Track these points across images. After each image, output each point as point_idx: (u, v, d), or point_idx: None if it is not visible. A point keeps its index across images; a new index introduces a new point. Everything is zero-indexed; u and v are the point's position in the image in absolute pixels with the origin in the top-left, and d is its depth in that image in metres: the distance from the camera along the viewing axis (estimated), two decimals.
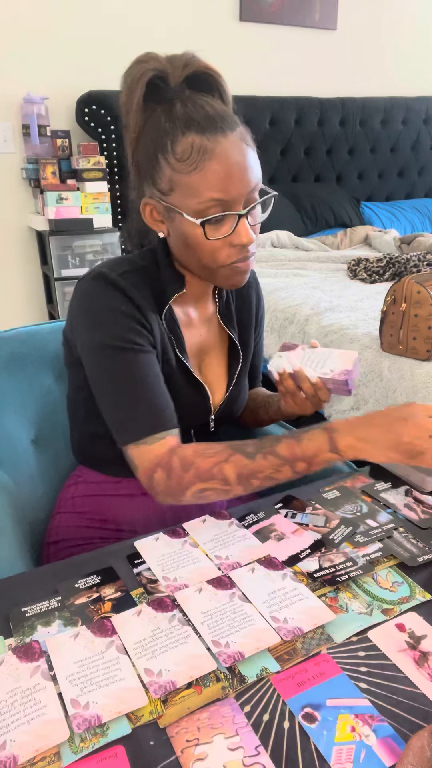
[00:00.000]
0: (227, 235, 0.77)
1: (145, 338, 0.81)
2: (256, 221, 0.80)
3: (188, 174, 0.74)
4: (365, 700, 0.56)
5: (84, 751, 0.52)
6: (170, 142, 0.74)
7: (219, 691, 0.57)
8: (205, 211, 0.75)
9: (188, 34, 2.80)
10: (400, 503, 0.86)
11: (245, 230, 0.77)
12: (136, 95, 0.75)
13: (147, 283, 0.85)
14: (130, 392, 0.79)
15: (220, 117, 0.74)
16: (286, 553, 0.76)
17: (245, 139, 0.76)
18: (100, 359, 0.80)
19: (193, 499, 0.78)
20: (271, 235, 2.83)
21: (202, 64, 0.77)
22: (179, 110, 0.74)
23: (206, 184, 0.73)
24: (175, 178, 0.75)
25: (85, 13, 2.59)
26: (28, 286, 2.85)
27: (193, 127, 0.73)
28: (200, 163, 0.73)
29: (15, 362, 1.09)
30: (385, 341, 1.68)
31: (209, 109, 0.75)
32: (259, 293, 1.04)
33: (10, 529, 0.92)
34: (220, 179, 0.73)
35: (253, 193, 0.77)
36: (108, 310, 0.80)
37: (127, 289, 0.81)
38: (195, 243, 0.78)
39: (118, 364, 0.79)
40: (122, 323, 0.79)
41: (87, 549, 0.79)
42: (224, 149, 0.73)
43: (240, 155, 0.74)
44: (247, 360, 1.00)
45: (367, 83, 3.43)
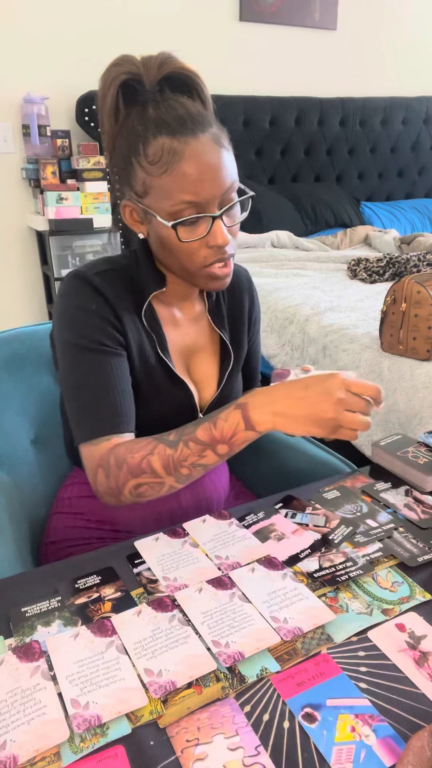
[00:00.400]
0: (202, 237, 0.76)
1: (113, 339, 0.81)
2: (233, 222, 0.79)
3: (159, 177, 0.74)
4: (365, 700, 0.56)
5: (84, 751, 0.52)
6: (142, 144, 0.74)
7: (219, 691, 0.57)
8: (178, 213, 0.75)
9: (188, 34, 2.80)
10: (400, 503, 0.86)
11: (220, 231, 0.76)
12: (108, 99, 0.76)
13: (125, 281, 0.85)
14: (90, 393, 0.80)
15: (191, 118, 0.74)
16: (286, 553, 0.76)
17: (218, 139, 0.75)
18: (67, 358, 0.81)
19: (132, 498, 0.78)
20: (271, 235, 2.82)
21: (177, 65, 0.76)
22: (151, 112, 0.74)
23: (177, 186, 0.73)
24: (148, 181, 0.75)
25: (85, 13, 2.59)
26: (28, 286, 2.85)
27: (164, 129, 0.73)
28: (171, 165, 0.72)
29: (15, 362, 1.09)
30: (385, 341, 1.68)
31: (181, 110, 0.74)
32: (253, 295, 1.03)
33: (10, 530, 0.92)
34: (191, 181, 0.73)
35: (229, 193, 0.76)
36: (79, 309, 0.80)
37: (101, 287, 0.81)
38: (171, 245, 0.78)
39: (82, 365, 0.80)
40: (91, 323, 0.80)
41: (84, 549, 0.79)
42: (194, 151, 0.72)
43: (211, 156, 0.73)
44: (239, 360, 0.99)
45: (367, 83, 3.43)
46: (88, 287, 0.81)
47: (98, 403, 0.79)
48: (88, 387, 0.80)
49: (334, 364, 1.80)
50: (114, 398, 0.80)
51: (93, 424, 0.80)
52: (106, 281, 0.83)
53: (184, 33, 2.79)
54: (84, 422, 0.80)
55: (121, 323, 0.83)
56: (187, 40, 2.77)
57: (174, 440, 0.75)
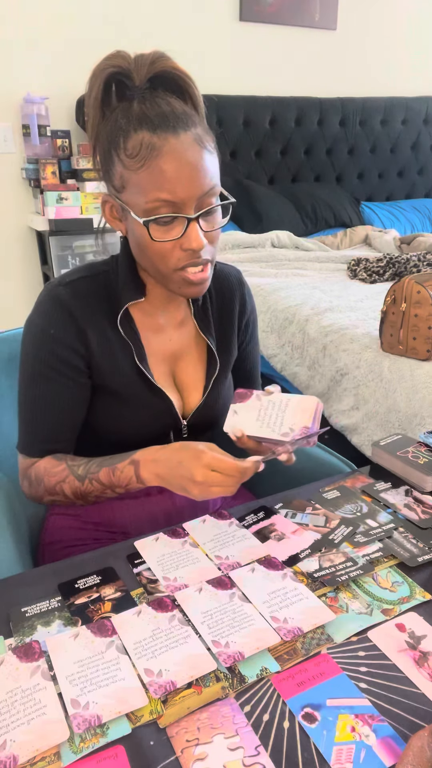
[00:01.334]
0: (176, 239, 0.75)
1: (68, 364, 0.83)
2: (212, 227, 0.77)
3: (136, 171, 0.72)
4: (365, 700, 0.56)
5: (84, 751, 0.52)
6: (122, 138, 0.73)
7: (219, 691, 0.57)
8: (152, 210, 0.73)
9: (188, 34, 2.80)
10: (400, 503, 0.86)
11: (195, 234, 0.74)
12: (95, 90, 0.75)
13: (101, 289, 0.85)
14: (33, 413, 0.86)
15: (174, 115, 0.72)
16: (286, 553, 0.76)
17: (200, 140, 0.73)
18: (22, 373, 0.86)
19: (50, 503, 0.89)
20: (271, 235, 2.83)
21: (168, 64, 0.75)
22: (136, 107, 0.73)
23: (153, 182, 0.72)
24: (126, 175, 0.74)
25: (85, 14, 2.59)
26: (28, 286, 2.84)
27: (145, 124, 0.72)
28: (148, 160, 0.71)
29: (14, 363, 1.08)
30: (385, 341, 1.68)
31: (165, 107, 0.73)
32: (245, 297, 1.00)
33: (9, 530, 0.92)
34: (167, 178, 0.71)
35: (208, 197, 0.75)
36: (40, 331, 0.83)
37: (68, 302, 0.82)
38: (144, 244, 0.77)
39: (32, 384, 0.85)
40: (48, 348, 0.83)
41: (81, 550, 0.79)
42: (173, 148, 0.71)
43: (191, 156, 0.72)
44: (225, 366, 0.97)
45: (367, 83, 3.43)
46: (55, 305, 0.83)
47: (36, 425, 0.87)
48: (33, 407, 0.86)
49: (334, 364, 1.81)
50: (51, 424, 0.86)
51: (28, 441, 0.88)
52: (75, 293, 0.83)
53: (184, 33, 2.79)
54: (22, 434, 0.89)
55: (84, 340, 0.83)
56: (187, 40, 2.77)
57: (82, 475, 0.83)
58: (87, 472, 0.82)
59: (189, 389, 0.93)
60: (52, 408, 0.85)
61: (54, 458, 0.86)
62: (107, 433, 0.90)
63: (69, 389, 0.85)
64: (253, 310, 1.02)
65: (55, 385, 0.84)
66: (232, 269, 1.00)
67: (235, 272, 1.00)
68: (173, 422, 0.91)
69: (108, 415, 0.88)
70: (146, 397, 0.88)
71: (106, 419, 0.89)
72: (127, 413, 0.88)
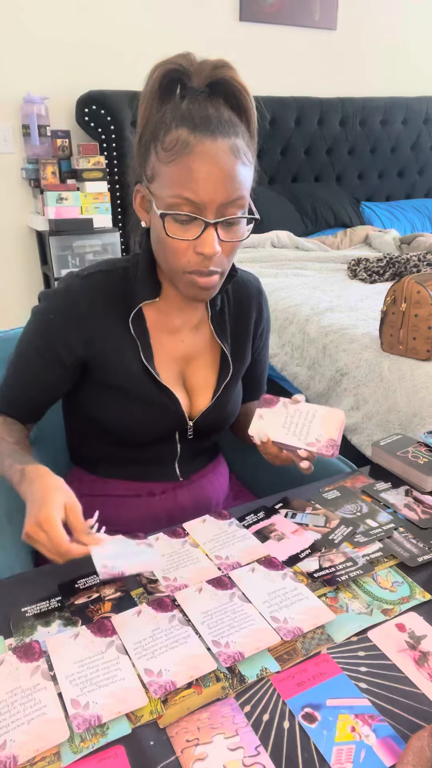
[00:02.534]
0: (191, 239, 0.75)
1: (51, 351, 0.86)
2: (232, 238, 0.77)
3: (167, 164, 0.73)
4: (365, 700, 0.56)
5: (84, 751, 0.52)
6: (163, 132, 0.74)
7: (219, 691, 0.57)
8: (173, 206, 0.74)
9: (188, 34, 2.80)
10: (400, 503, 0.86)
11: (210, 240, 0.74)
12: (150, 83, 0.75)
13: (117, 285, 0.86)
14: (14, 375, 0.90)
15: (218, 120, 0.73)
16: (286, 553, 0.76)
17: (237, 151, 0.73)
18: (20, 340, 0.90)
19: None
20: (271, 235, 2.82)
21: (227, 74, 0.75)
22: (184, 106, 0.74)
23: (179, 179, 0.72)
24: (157, 167, 0.75)
25: (85, 13, 2.59)
26: (28, 286, 2.84)
27: (187, 123, 0.72)
28: (179, 156, 0.72)
29: None
30: (385, 341, 1.68)
31: (212, 111, 0.73)
32: (261, 306, 1.00)
33: (10, 530, 0.92)
34: (193, 178, 0.71)
35: (232, 207, 0.74)
36: (41, 312, 0.87)
37: (78, 295, 0.84)
38: (160, 237, 0.78)
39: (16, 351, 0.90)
40: (42, 328, 0.86)
41: None
42: (206, 150, 0.71)
43: (222, 162, 0.72)
44: (238, 372, 0.97)
45: (367, 83, 3.43)
46: (66, 294, 0.85)
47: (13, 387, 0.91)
48: (9, 371, 0.91)
49: (334, 364, 1.81)
50: (26, 392, 0.90)
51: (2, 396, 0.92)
52: (90, 286, 0.85)
53: (184, 33, 2.79)
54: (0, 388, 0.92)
55: (84, 334, 0.84)
56: (187, 40, 2.77)
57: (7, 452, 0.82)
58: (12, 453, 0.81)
59: (198, 392, 0.94)
60: (22, 383, 0.90)
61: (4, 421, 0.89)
62: (113, 429, 0.90)
63: (43, 374, 0.88)
64: (268, 318, 1.03)
65: (31, 367, 0.88)
66: (252, 277, 1.01)
67: (254, 280, 1.01)
68: (179, 422, 0.92)
69: (113, 410, 0.89)
70: (153, 395, 0.88)
71: (111, 415, 0.89)
72: (133, 410, 0.88)
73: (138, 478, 0.95)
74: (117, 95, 2.60)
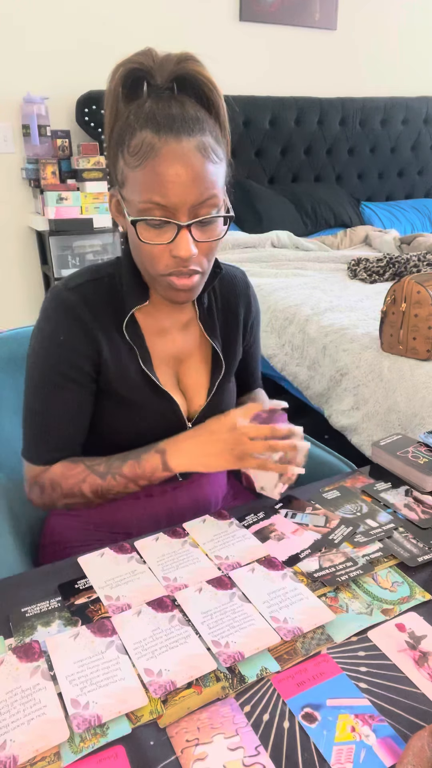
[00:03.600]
0: (165, 243, 0.74)
1: (78, 369, 0.83)
2: (209, 237, 0.76)
3: (134, 169, 0.72)
4: (365, 700, 0.56)
5: (84, 751, 0.52)
6: (129, 135, 0.72)
7: (219, 691, 0.57)
8: (145, 211, 0.72)
9: (188, 34, 2.80)
10: (400, 503, 0.86)
11: (184, 242, 0.73)
12: (112, 85, 0.74)
13: (106, 293, 0.84)
14: (41, 421, 0.86)
15: (182, 119, 0.70)
16: (286, 553, 0.76)
17: (205, 149, 0.71)
18: (30, 379, 0.85)
19: (64, 507, 0.88)
20: (271, 235, 2.83)
21: (191, 67, 0.73)
22: (147, 106, 0.72)
23: (147, 183, 0.71)
24: (125, 172, 0.73)
25: (85, 14, 2.59)
26: (28, 286, 2.85)
27: (151, 124, 0.70)
28: (146, 160, 0.70)
29: (14, 363, 1.09)
30: (385, 341, 1.68)
31: (176, 109, 0.71)
32: (250, 300, 0.99)
33: (9, 531, 0.92)
34: (160, 182, 0.70)
35: (204, 207, 0.73)
36: (48, 338, 0.83)
37: (76, 306, 0.82)
38: (135, 243, 0.77)
39: (41, 392, 0.85)
40: (58, 354, 0.82)
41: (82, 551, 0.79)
42: (172, 152, 0.69)
43: (190, 163, 0.70)
44: (230, 369, 0.97)
45: (367, 83, 3.43)
46: (62, 310, 0.82)
47: (45, 433, 0.86)
48: (41, 415, 0.85)
49: (334, 364, 1.81)
50: (61, 431, 0.86)
51: (38, 449, 0.87)
52: (82, 297, 0.82)
53: (184, 33, 2.79)
54: (29, 442, 0.88)
55: (94, 344, 0.83)
56: (187, 40, 2.77)
57: (103, 472, 0.83)
58: (109, 469, 0.83)
59: (193, 392, 0.93)
60: (64, 416, 0.85)
61: (69, 461, 0.86)
62: (113, 435, 0.89)
63: (79, 395, 0.85)
64: (257, 312, 1.02)
65: (66, 393, 0.84)
66: (238, 271, 0.99)
67: (240, 274, 0.99)
68: (178, 425, 0.91)
69: (114, 417, 0.88)
70: (152, 400, 0.88)
71: (112, 422, 0.89)
72: (133, 416, 0.88)
73: None
74: None
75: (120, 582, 0.71)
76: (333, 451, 1.10)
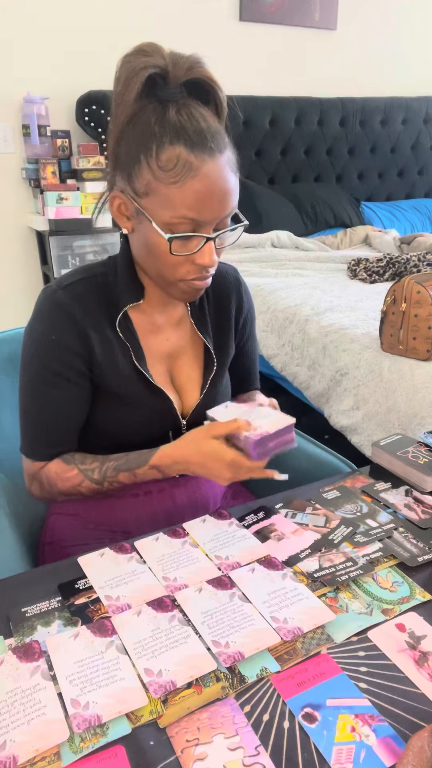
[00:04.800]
0: (191, 253, 0.77)
1: (71, 368, 0.84)
2: (223, 245, 0.81)
3: (167, 185, 0.72)
4: (365, 700, 0.56)
5: (84, 751, 0.52)
6: (156, 146, 0.72)
7: (219, 691, 0.57)
8: (175, 225, 0.74)
9: (188, 34, 2.80)
10: (400, 503, 0.86)
11: (210, 253, 0.77)
12: (132, 88, 0.72)
13: (99, 292, 0.85)
14: (36, 418, 0.87)
15: (212, 135, 0.73)
16: (286, 553, 0.76)
17: (230, 163, 0.75)
18: (24, 378, 0.87)
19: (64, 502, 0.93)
20: (271, 235, 2.82)
21: (205, 73, 0.75)
22: (172, 116, 0.72)
23: (183, 201, 0.73)
24: (154, 185, 0.74)
25: (85, 13, 2.59)
26: (28, 286, 2.85)
27: (183, 139, 0.71)
28: (182, 178, 0.72)
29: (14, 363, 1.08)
30: (385, 341, 1.68)
31: (203, 123, 0.73)
32: (241, 295, 1.00)
33: (10, 530, 0.92)
34: (198, 200, 0.72)
35: (226, 219, 0.77)
36: (41, 337, 0.83)
37: (68, 305, 0.82)
38: (158, 253, 0.78)
39: (35, 391, 0.86)
40: (50, 353, 0.83)
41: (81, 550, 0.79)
42: (209, 171, 0.72)
43: (222, 180, 0.73)
44: (222, 365, 0.97)
45: (367, 83, 3.43)
46: (54, 309, 0.83)
47: (40, 430, 0.88)
48: (36, 413, 0.87)
49: (334, 364, 1.81)
50: (55, 427, 0.87)
51: (34, 446, 0.89)
52: (74, 295, 0.83)
53: (184, 33, 2.79)
54: (26, 439, 0.89)
55: (86, 342, 0.84)
56: (187, 40, 2.77)
57: (98, 479, 0.86)
58: (104, 477, 0.85)
59: (186, 388, 0.94)
60: (58, 414, 0.86)
61: (63, 461, 0.87)
62: (108, 433, 0.90)
63: (73, 394, 0.86)
64: (250, 308, 1.02)
65: (60, 391, 0.85)
66: (229, 267, 1.00)
67: (231, 270, 1.00)
68: (173, 422, 0.92)
69: (108, 415, 0.89)
70: (146, 397, 0.88)
71: (106, 419, 0.89)
72: (127, 413, 0.88)
73: None
74: None
75: (120, 582, 0.71)
76: (333, 451, 1.10)
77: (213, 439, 0.79)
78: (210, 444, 0.79)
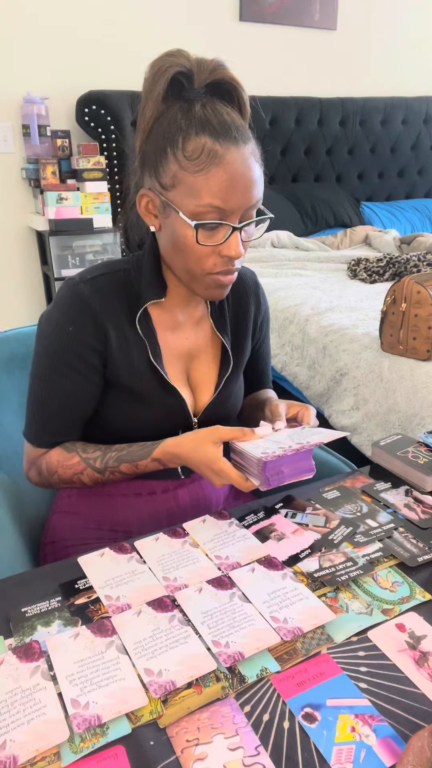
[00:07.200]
0: (217, 244, 0.78)
1: (84, 361, 0.85)
2: (249, 238, 0.81)
3: (193, 174, 0.74)
4: (365, 700, 0.56)
5: (84, 751, 0.52)
6: (182, 138, 0.74)
7: (219, 691, 0.57)
8: (201, 214, 0.75)
9: (188, 34, 2.80)
10: (400, 503, 0.86)
11: (236, 243, 0.78)
12: (159, 86, 0.75)
13: (121, 287, 0.86)
14: (41, 403, 0.87)
15: (235, 127, 0.75)
16: (286, 553, 0.76)
17: (255, 154, 0.77)
18: (36, 365, 0.87)
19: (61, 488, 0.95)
20: (271, 235, 2.83)
21: (228, 74, 0.77)
22: (198, 110, 0.75)
23: (208, 188, 0.74)
24: (180, 175, 0.75)
25: (85, 13, 2.59)
26: (28, 286, 2.85)
27: (208, 130, 0.74)
28: (207, 166, 0.73)
29: (15, 362, 1.09)
30: (385, 341, 1.68)
31: (227, 117, 0.75)
32: (259, 298, 1.02)
33: (10, 529, 0.92)
34: (223, 187, 0.74)
35: (251, 210, 0.78)
36: (59, 327, 0.84)
37: (89, 298, 0.83)
38: (184, 244, 0.79)
39: (46, 378, 0.86)
40: (65, 344, 0.84)
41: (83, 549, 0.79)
42: (234, 158, 0.73)
43: (247, 169, 0.75)
44: (239, 365, 0.99)
45: (367, 83, 3.43)
46: (75, 301, 0.84)
47: (47, 419, 0.88)
48: (43, 400, 0.87)
49: (334, 364, 1.81)
50: (61, 417, 0.88)
51: (38, 432, 0.89)
52: (96, 289, 0.84)
53: (184, 33, 2.79)
54: (30, 425, 0.90)
55: (102, 336, 0.84)
56: (187, 40, 2.77)
57: (100, 468, 0.86)
58: (105, 466, 0.86)
59: (201, 387, 0.95)
60: (66, 405, 0.87)
61: (64, 450, 0.88)
62: (118, 428, 0.91)
63: (83, 386, 0.86)
64: (267, 310, 1.05)
65: (70, 382, 0.85)
66: (248, 270, 1.02)
67: (250, 273, 1.02)
68: (184, 420, 0.93)
69: (121, 410, 0.89)
70: (159, 394, 0.89)
71: (118, 414, 0.90)
72: (139, 410, 0.89)
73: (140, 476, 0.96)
74: (117, 95, 2.60)
75: (120, 582, 0.71)
76: (333, 451, 1.10)
77: (211, 444, 0.79)
78: (206, 449, 0.80)
